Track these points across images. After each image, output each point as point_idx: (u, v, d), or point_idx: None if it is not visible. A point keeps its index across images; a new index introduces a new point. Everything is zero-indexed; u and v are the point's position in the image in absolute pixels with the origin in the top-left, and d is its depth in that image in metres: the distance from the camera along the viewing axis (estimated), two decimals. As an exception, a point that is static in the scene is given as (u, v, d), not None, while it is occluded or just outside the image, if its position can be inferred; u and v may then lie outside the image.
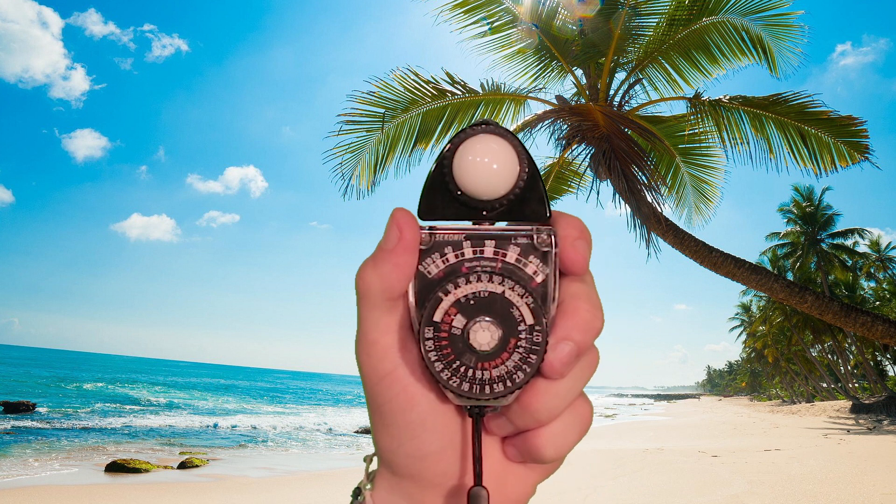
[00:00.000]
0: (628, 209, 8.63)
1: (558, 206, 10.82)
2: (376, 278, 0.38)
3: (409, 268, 0.38)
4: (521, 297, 0.36)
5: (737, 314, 62.93)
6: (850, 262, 38.70)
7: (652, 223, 8.50)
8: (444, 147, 0.39)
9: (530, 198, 0.39)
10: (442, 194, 0.39)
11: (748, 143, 8.89)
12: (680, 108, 9.52)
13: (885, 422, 29.13)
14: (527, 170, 0.39)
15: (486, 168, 0.38)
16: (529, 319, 0.36)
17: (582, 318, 0.37)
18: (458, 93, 9.08)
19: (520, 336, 0.36)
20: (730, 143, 8.97)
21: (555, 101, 9.24)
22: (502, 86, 9.24)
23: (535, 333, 0.36)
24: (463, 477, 0.40)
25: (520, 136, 9.24)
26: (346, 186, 9.34)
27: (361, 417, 34.23)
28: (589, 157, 8.77)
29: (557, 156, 9.79)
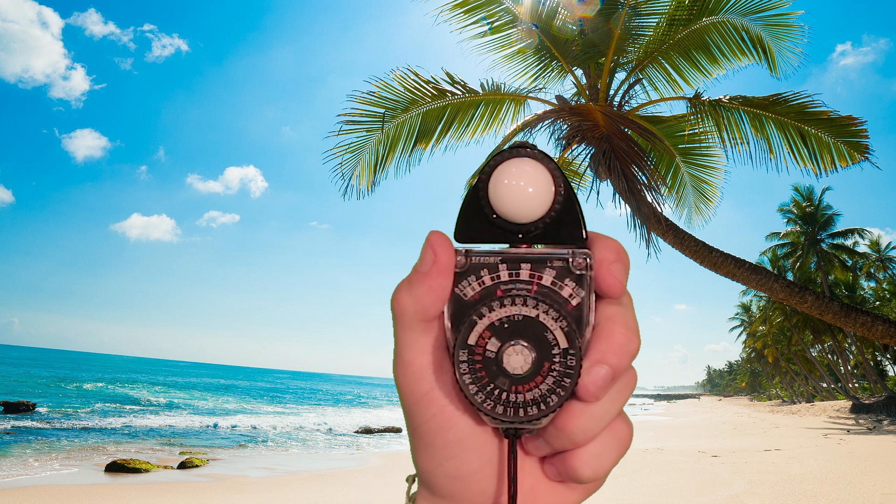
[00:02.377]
0: (628, 209, 8.62)
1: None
2: (410, 300, 0.38)
3: (444, 290, 0.38)
4: (556, 321, 0.36)
5: (737, 314, 62.99)
6: (850, 262, 38.71)
7: (652, 223, 8.50)
8: (480, 170, 0.39)
9: (566, 220, 0.39)
10: (478, 217, 0.39)
11: (748, 143, 8.89)
12: (680, 108, 9.53)
13: (885, 422, 29.14)
14: (562, 192, 0.39)
15: (522, 191, 0.38)
16: (563, 343, 0.36)
17: (617, 341, 0.37)
18: (458, 93, 9.08)
19: (554, 360, 0.36)
20: (730, 143, 8.98)
21: (555, 101, 9.24)
22: (502, 86, 9.24)
23: (569, 357, 0.36)
24: (500, 497, 0.40)
25: (519, 135, 9.27)
26: (346, 186, 9.35)
27: (361, 417, 34.25)
28: (589, 157, 8.77)
29: (557, 156, 9.79)
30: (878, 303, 39.84)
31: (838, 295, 38.81)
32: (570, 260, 0.38)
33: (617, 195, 8.59)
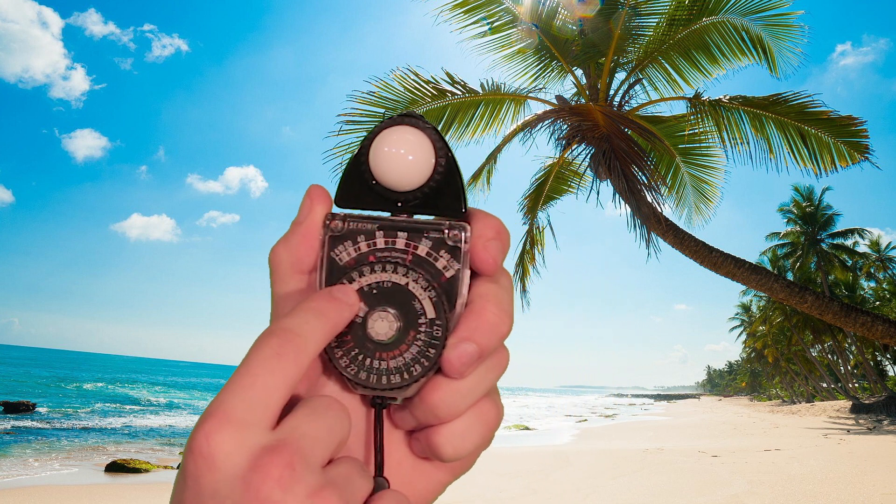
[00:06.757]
0: (628, 209, 8.63)
1: (558, 206, 10.83)
2: (286, 252, 0.39)
3: (317, 240, 0.38)
4: (425, 291, 0.36)
5: (737, 314, 62.94)
6: (850, 262, 38.71)
7: (652, 223, 8.50)
8: (365, 137, 0.40)
9: (446, 192, 0.39)
10: (359, 183, 0.39)
11: (748, 143, 8.89)
12: (680, 108, 9.53)
13: (885, 422, 29.13)
14: (443, 163, 0.39)
15: (401, 159, 0.38)
16: (431, 313, 0.36)
17: (487, 320, 0.37)
18: (458, 93, 9.08)
19: (419, 329, 0.36)
20: (730, 143, 8.98)
21: (555, 101, 9.24)
22: (502, 86, 9.25)
23: (434, 327, 0.36)
24: (367, 466, 0.39)
25: (520, 136, 9.29)
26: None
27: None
28: (589, 157, 8.78)
29: (557, 156, 9.80)
30: (878, 303, 39.82)
31: (838, 295, 38.80)
32: (447, 232, 0.38)
33: (617, 195, 8.60)
